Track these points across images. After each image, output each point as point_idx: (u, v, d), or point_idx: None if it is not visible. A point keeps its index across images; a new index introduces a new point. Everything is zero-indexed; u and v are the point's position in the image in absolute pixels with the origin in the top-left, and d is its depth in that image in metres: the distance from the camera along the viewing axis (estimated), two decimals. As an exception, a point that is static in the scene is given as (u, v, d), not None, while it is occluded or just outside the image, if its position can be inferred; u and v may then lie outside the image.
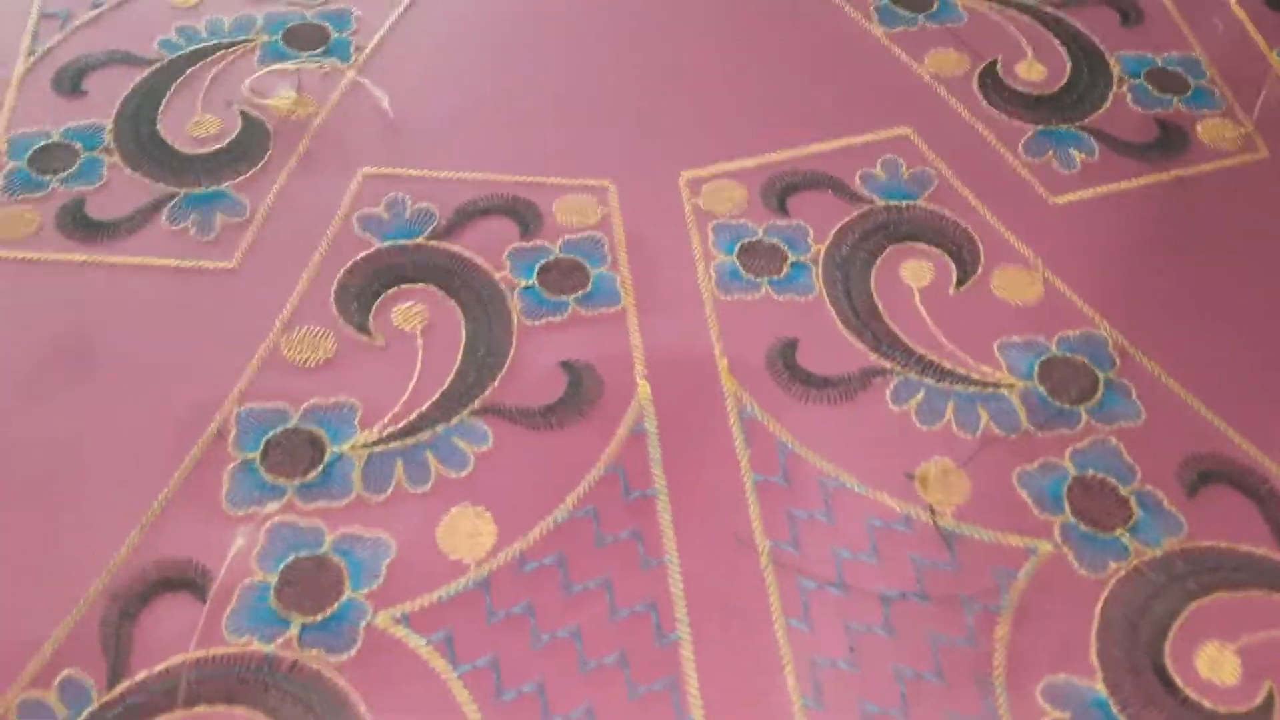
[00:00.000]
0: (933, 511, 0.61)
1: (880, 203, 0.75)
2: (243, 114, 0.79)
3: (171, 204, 0.73)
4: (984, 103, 0.82)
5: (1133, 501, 0.62)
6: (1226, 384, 0.67)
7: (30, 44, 0.82)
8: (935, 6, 0.88)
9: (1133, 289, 0.72)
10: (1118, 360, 0.68)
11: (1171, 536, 0.61)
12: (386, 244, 0.72)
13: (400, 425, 0.63)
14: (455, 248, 0.72)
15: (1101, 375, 0.67)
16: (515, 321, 0.68)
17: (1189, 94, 0.83)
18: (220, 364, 0.66)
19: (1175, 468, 0.64)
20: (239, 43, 0.83)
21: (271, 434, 0.63)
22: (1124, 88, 0.83)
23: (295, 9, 0.85)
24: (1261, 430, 0.65)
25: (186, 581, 0.57)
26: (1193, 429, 0.65)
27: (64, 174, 0.74)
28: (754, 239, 0.74)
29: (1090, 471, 0.63)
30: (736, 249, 0.73)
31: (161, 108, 0.79)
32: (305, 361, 0.66)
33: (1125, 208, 0.76)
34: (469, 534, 0.60)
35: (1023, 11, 0.88)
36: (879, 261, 0.73)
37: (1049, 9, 0.88)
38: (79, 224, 0.72)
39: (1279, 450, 0.64)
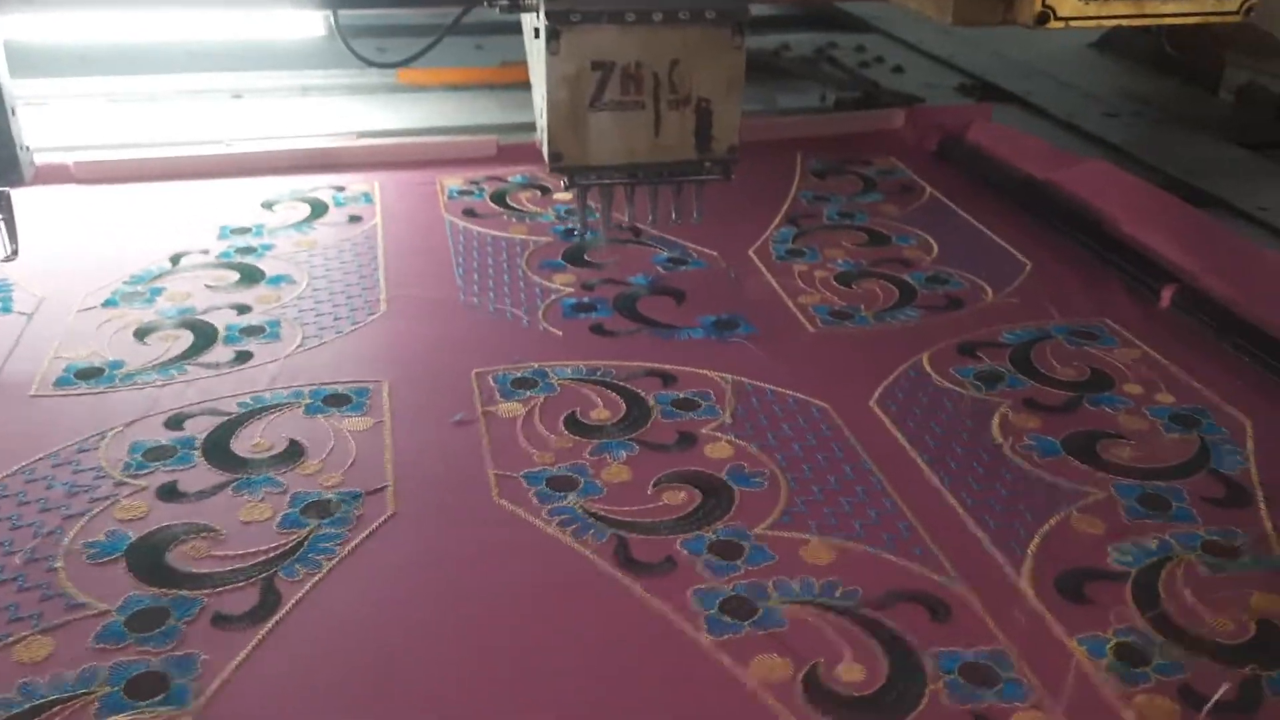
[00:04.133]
0: None
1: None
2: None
3: None
4: (807, 705, 0.85)
5: None
6: None
7: None
8: (760, 614, 0.94)
9: None
10: None
11: None
12: None
13: None
14: None
15: None
16: None
17: (1000, 687, 0.87)
18: None
19: None
20: (79, 696, 0.85)
21: None
22: (940, 684, 0.87)
23: (144, 657, 0.89)
24: None
25: None
26: None
27: None
28: None
29: None
30: None
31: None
32: None
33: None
34: None
35: (840, 614, 0.94)
36: None
37: (865, 610, 0.95)
38: None
39: None
